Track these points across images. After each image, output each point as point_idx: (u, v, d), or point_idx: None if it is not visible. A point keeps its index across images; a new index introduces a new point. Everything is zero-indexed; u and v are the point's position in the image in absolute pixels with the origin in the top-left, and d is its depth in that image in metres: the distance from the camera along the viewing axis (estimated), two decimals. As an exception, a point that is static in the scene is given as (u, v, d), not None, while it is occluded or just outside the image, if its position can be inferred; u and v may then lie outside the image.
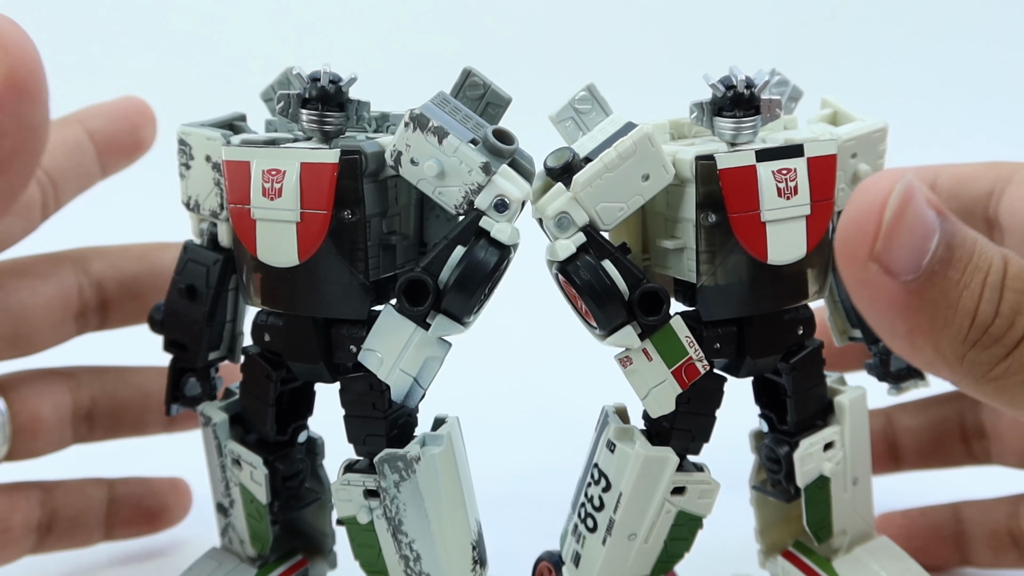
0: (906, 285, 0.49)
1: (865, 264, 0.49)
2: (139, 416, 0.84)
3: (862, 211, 0.50)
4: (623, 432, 0.66)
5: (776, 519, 0.74)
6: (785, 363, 0.67)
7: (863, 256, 0.49)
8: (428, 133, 0.60)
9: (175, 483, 0.87)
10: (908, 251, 0.49)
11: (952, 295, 0.50)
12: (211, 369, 0.72)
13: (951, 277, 0.50)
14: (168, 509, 0.86)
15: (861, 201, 0.50)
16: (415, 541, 0.65)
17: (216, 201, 0.68)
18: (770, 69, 0.66)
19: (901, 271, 0.49)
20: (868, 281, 0.50)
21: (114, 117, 0.82)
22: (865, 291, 0.50)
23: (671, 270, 0.65)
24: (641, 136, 0.60)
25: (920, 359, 0.52)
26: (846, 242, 0.50)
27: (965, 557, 0.81)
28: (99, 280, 0.81)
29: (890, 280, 0.49)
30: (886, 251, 0.49)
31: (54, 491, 0.81)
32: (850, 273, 0.50)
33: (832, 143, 0.63)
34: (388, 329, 0.62)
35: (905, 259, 0.49)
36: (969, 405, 0.82)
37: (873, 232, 0.49)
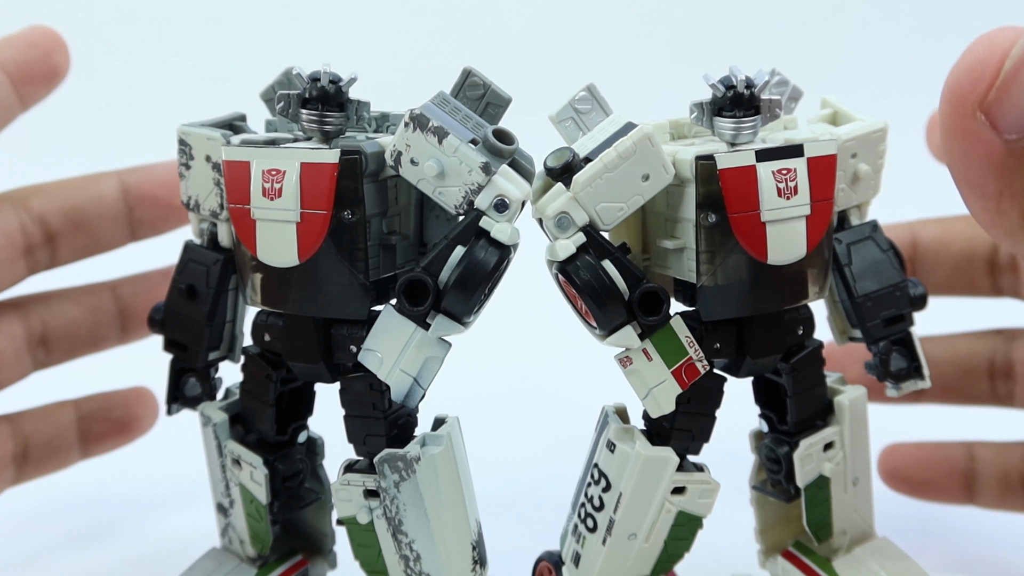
0: (1008, 143, 0.48)
1: (973, 112, 0.48)
2: (93, 332, 0.84)
3: (981, 57, 0.48)
4: (623, 432, 0.66)
5: (776, 519, 0.74)
6: (785, 363, 0.67)
7: (972, 103, 0.48)
8: (428, 133, 0.60)
9: (140, 392, 0.88)
10: (1019, 109, 0.48)
11: None
12: (211, 369, 0.72)
13: None
14: (137, 418, 0.87)
15: (981, 47, 0.48)
16: (415, 541, 0.65)
17: (216, 201, 0.68)
18: (770, 69, 0.66)
19: (1007, 128, 0.48)
20: (971, 131, 0.48)
21: (22, 47, 0.81)
22: (965, 141, 0.49)
23: (671, 270, 0.65)
24: (641, 136, 0.60)
25: (1002, 224, 0.50)
26: (957, 86, 0.48)
27: (972, 496, 0.80)
28: (41, 215, 0.81)
29: (993, 135, 0.48)
30: (997, 103, 0.48)
31: (21, 421, 0.81)
32: (954, 120, 0.49)
33: (832, 143, 0.63)
34: (388, 329, 0.62)
35: (1015, 116, 0.48)
36: (1003, 343, 0.81)
37: (989, 80, 0.47)
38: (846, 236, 0.69)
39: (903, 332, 0.69)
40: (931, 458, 0.81)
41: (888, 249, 0.70)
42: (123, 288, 0.86)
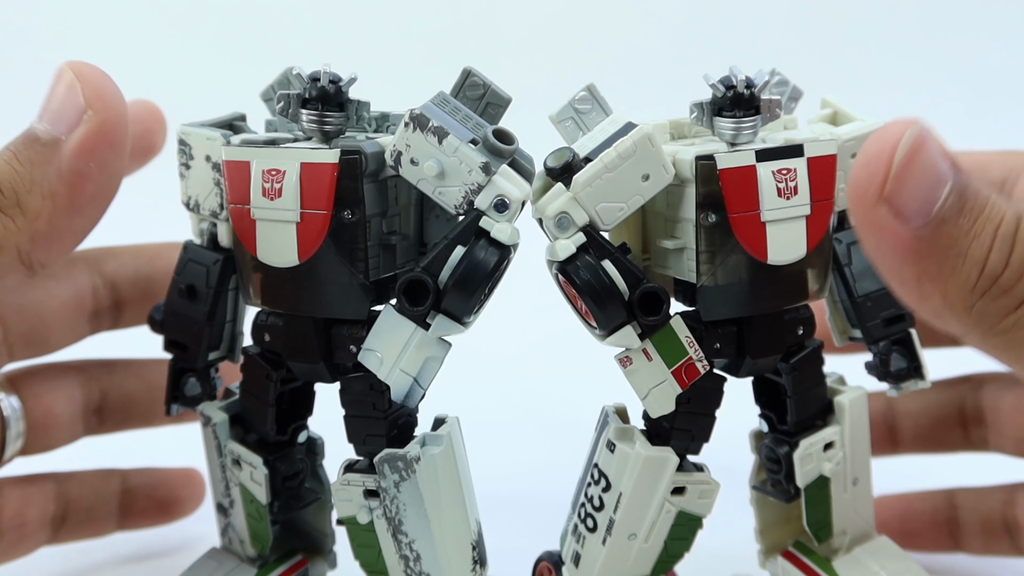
0: (915, 231, 0.49)
1: (875, 205, 0.49)
2: (147, 408, 0.84)
3: (875, 152, 0.49)
4: (623, 432, 0.66)
5: (776, 519, 0.74)
6: (785, 363, 0.67)
7: (873, 197, 0.49)
8: (428, 133, 0.60)
9: (188, 474, 0.88)
10: (918, 196, 0.49)
11: (962, 243, 0.49)
12: (211, 369, 0.72)
13: (961, 225, 0.49)
14: (181, 500, 0.86)
15: (875, 143, 0.50)
16: (415, 541, 0.65)
17: (216, 201, 0.68)
18: (770, 69, 0.66)
19: (911, 216, 0.49)
20: (877, 223, 0.50)
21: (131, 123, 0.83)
22: (874, 234, 0.50)
23: (671, 270, 0.65)
24: (641, 136, 0.60)
25: (928, 308, 0.52)
26: (858, 182, 0.50)
27: (958, 543, 0.81)
28: (113, 280, 0.82)
29: (900, 224, 0.49)
30: (896, 194, 0.49)
31: (67, 483, 0.81)
32: (860, 214, 0.50)
33: (832, 143, 0.63)
34: (388, 329, 0.62)
35: (915, 204, 0.49)
36: (970, 391, 0.82)
37: (884, 172, 0.49)
38: (846, 236, 0.69)
39: (903, 332, 0.69)
40: (913, 509, 0.82)
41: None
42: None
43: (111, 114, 0.57)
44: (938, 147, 0.50)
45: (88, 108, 0.57)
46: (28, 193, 0.55)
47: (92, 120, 0.57)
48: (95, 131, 0.57)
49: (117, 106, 0.58)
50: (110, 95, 0.58)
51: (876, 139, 0.50)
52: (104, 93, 0.58)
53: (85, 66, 0.59)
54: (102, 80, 0.58)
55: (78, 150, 0.57)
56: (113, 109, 0.58)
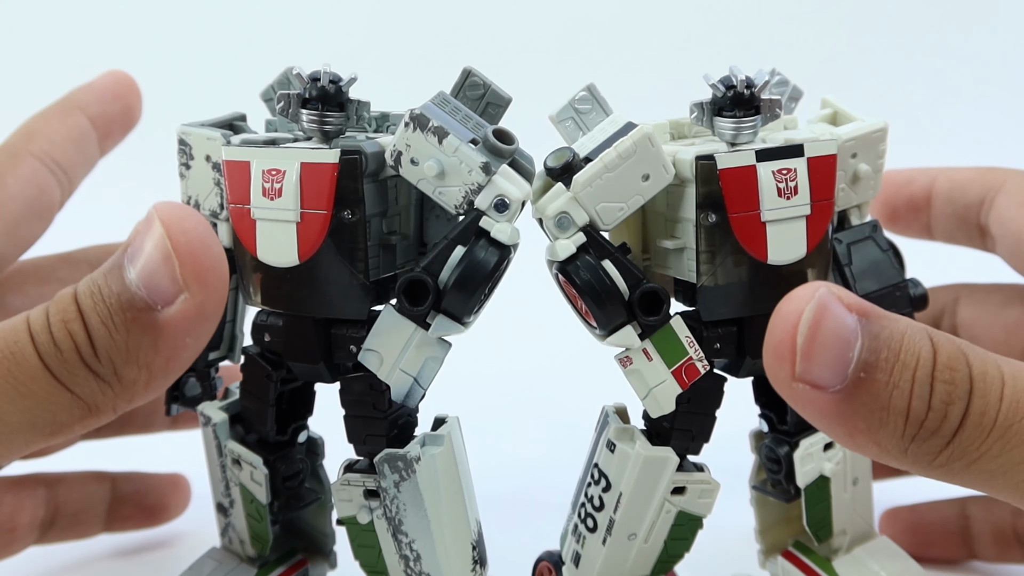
0: (835, 395, 0.50)
1: (790, 384, 0.50)
2: (147, 417, 0.85)
3: (777, 335, 0.50)
4: (623, 432, 0.66)
5: (776, 519, 0.74)
6: (785, 363, 0.67)
7: (786, 378, 0.50)
8: (428, 133, 0.60)
9: (175, 480, 0.88)
10: (829, 364, 0.50)
11: (883, 397, 0.50)
12: (211, 369, 0.72)
13: (879, 379, 0.50)
14: (168, 507, 0.87)
15: (776, 323, 0.51)
16: (415, 541, 0.65)
17: (216, 201, 0.68)
18: (770, 69, 0.66)
19: (827, 384, 0.50)
20: (798, 398, 0.51)
21: (108, 99, 0.83)
22: (798, 406, 0.51)
23: (671, 270, 0.65)
24: (641, 136, 0.60)
25: (867, 455, 0.53)
26: (768, 366, 0.51)
27: (971, 552, 0.82)
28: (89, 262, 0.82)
29: (818, 393, 0.50)
30: (807, 371, 0.50)
31: (58, 487, 0.81)
32: (780, 392, 0.51)
33: (832, 143, 0.63)
34: (388, 329, 0.62)
35: (828, 372, 0.50)
36: None
37: (790, 355, 0.50)
38: (846, 236, 0.69)
39: (903, 332, 0.69)
40: (927, 521, 0.83)
41: (888, 249, 0.70)
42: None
43: (211, 295, 0.54)
44: (841, 307, 0.50)
45: (186, 289, 0.53)
46: (125, 364, 0.53)
47: (191, 302, 0.53)
48: (194, 311, 0.53)
49: (218, 284, 0.54)
50: (208, 271, 0.53)
51: (777, 320, 0.50)
52: (202, 270, 0.53)
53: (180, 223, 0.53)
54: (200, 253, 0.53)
55: (177, 326, 0.53)
56: (213, 289, 0.54)
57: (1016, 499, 0.53)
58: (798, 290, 0.51)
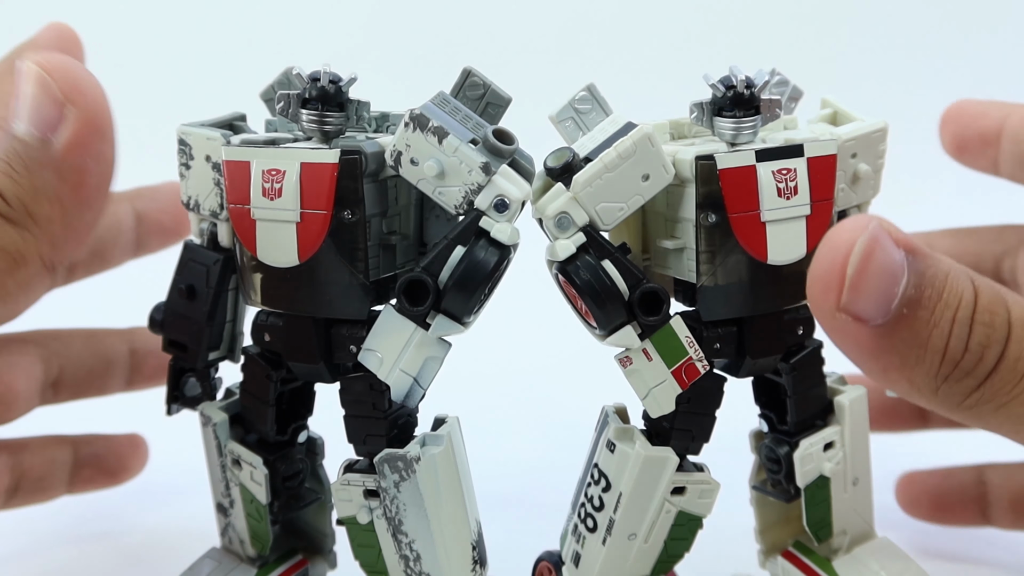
0: (876, 329, 0.50)
1: (834, 315, 0.50)
2: (103, 380, 0.86)
3: (826, 264, 0.50)
4: (623, 432, 0.66)
5: (776, 519, 0.74)
6: (785, 363, 0.67)
7: (830, 308, 0.50)
8: (428, 133, 0.60)
9: (133, 440, 0.90)
10: (875, 298, 0.50)
11: (922, 334, 0.50)
12: (211, 369, 0.72)
13: (921, 317, 0.50)
14: (127, 467, 0.89)
15: (825, 253, 0.51)
16: (415, 541, 0.65)
17: (216, 201, 0.68)
18: (770, 69, 0.66)
19: (870, 317, 0.50)
20: (838, 329, 0.51)
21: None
22: (838, 336, 0.51)
23: (671, 270, 0.65)
24: (641, 136, 0.60)
25: (896, 391, 0.53)
26: (812, 294, 0.51)
27: (987, 518, 0.82)
28: None
29: (860, 326, 0.50)
30: (853, 302, 0.50)
31: (21, 454, 0.82)
32: (823, 322, 0.51)
33: (832, 143, 0.63)
34: (388, 329, 0.62)
35: (873, 306, 0.50)
36: None
37: (837, 285, 0.50)
38: (846, 236, 0.69)
39: (903, 332, 0.69)
40: (944, 485, 0.84)
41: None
42: (137, 340, 0.88)
43: (93, 103, 0.56)
44: (890, 242, 0.50)
45: (67, 103, 0.55)
46: (35, 202, 0.55)
47: (75, 115, 0.55)
48: (82, 125, 0.56)
49: (96, 93, 0.56)
50: (85, 83, 0.56)
51: (827, 247, 0.51)
52: (79, 83, 0.56)
53: (50, 57, 0.57)
54: (72, 69, 0.56)
55: (71, 148, 0.55)
56: (93, 97, 0.56)
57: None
58: (849, 220, 0.51)
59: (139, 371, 0.88)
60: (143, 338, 0.87)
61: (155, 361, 0.87)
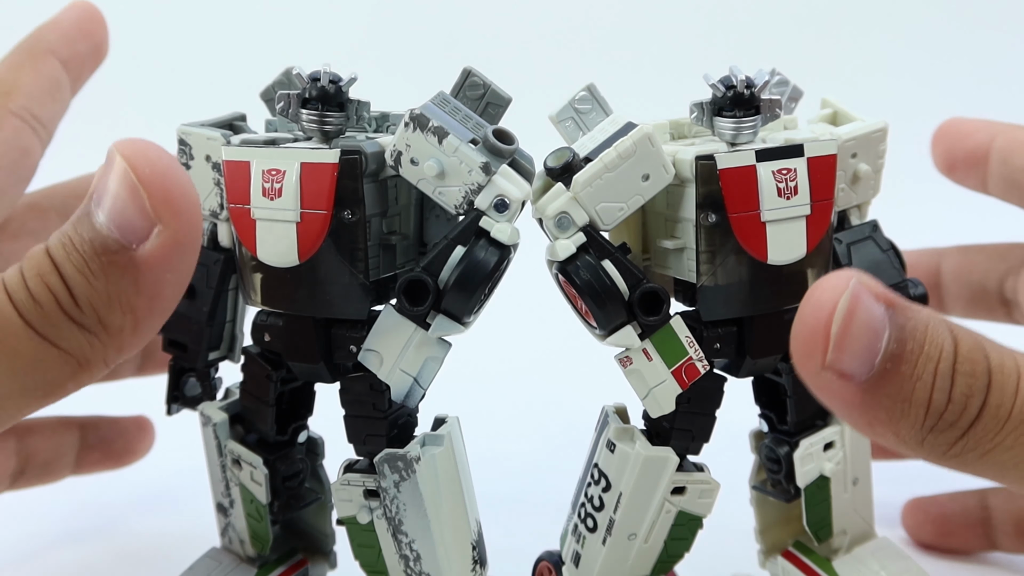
0: (860, 385, 0.50)
1: (819, 373, 0.50)
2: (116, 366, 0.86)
3: (811, 323, 0.50)
4: (623, 432, 0.66)
5: (776, 519, 0.74)
6: (785, 363, 0.67)
7: (816, 366, 0.50)
8: (428, 133, 0.60)
9: (140, 423, 0.90)
10: (859, 355, 0.50)
11: (906, 389, 0.50)
12: (211, 369, 0.72)
13: (904, 372, 0.50)
14: (134, 450, 0.89)
15: (809, 312, 0.50)
16: (415, 541, 0.65)
17: (216, 201, 0.68)
18: (770, 69, 0.66)
19: (855, 374, 0.50)
20: (824, 387, 0.51)
21: (77, 37, 0.79)
22: (823, 394, 0.51)
23: (671, 270, 0.65)
24: (641, 136, 0.60)
25: (883, 443, 0.53)
26: (797, 354, 0.51)
27: (992, 543, 0.83)
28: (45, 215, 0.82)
29: (845, 383, 0.50)
30: (837, 360, 0.50)
31: (27, 438, 0.82)
32: (806, 380, 0.51)
33: (832, 143, 0.63)
34: (388, 329, 0.62)
35: (857, 363, 0.50)
36: None
37: (823, 344, 0.50)
38: (846, 236, 0.69)
39: (903, 332, 0.69)
40: (948, 511, 0.84)
41: (888, 249, 0.70)
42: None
43: (184, 223, 0.52)
44: (871, 297, 0.50)
45: (158, 220, 0.51)
46: (108, 310, 0.51)
47: (165, 234, 0.51)
48: (171, 244, 0.51)
49: (190, 209, 0.52)
50: (179, 198, 0.52)
51: (810, 309, 0.50)
52: (173, 197, 0.51)
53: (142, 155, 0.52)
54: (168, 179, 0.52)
55: (155, 264, 0.52)
56: (187, 215, 0.52)
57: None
58: (829, 278, 0.51)
59: (151, 357, 0.88)
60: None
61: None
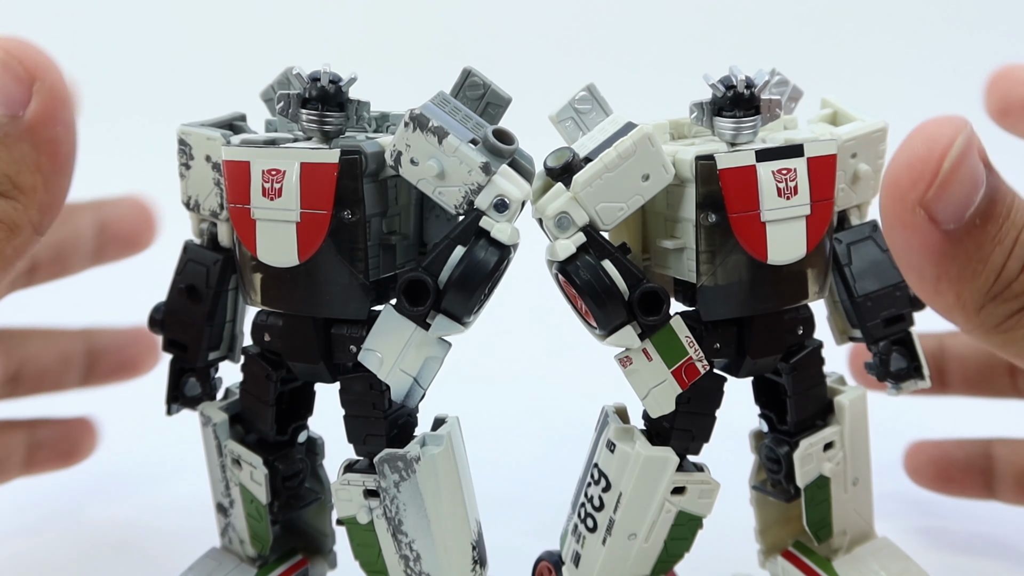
0: (946, 234, 0.50)
1: (913, 208, 0.49)
2: (59, 377, 0.90)
3: (921, 155, 0.49)
4: (623, 432, 0.66)
5: (776, 519, 0.74)
6: (785, 363, 0.67)
7: (913, 200, 0.49)
8: (428, 133, 0.60)
9: (84, 423, 0.92)
10: (956, 203, 0.49)
11: (986, 249, 0.50)
12: (211, 369, 0.72)
13: (988, 231, 0.50)
14: (81, 449, 0.92)
15: (921, 144, 0.49)
16: (415, 541, 0.65)
17: (216, 201, 0.68)
18: (770, 69, 0.66)
19: (945, 220, 0.49)
20: (910, 224, 0.50)
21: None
22: (906, 233, 0.50)
23: (671, 270, 0.65)
24: (641, 136, 0.60)
25: (939, 303, 0.53)
26: (898, 183, 0.50)
27: (992, 492, 0.83)
28: None
29: (932, 227, 0.50)
30: (936, 199, 0.49)
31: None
32: (894, 214, 0.50)
33: (832, 143, 0.63)
34: (388, 329, 0.62)
35: (952, 210, 0.49)
36: None
37: (929, 179, 0.49)
38: (846, 236, 0.69)
39: (903, 332, 0.69)
40: (951, 456, 0.85)
41: (888, 249, 0.70)
42: (93, 340, 0.91)
43: (53, 77, 0.60)
44: (978, 150, 0.50)
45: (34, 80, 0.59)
46: (18, 173, 0.58)
47: (44, 89, 0.59)
48: (49, 98, 0.59)
49: (53, 67, 0.60)
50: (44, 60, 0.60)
51: (924, 141, 0.49)
52: (39, 60, 0.59)
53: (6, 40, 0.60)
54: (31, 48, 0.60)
55: (42, 120, 0.59)
56: (53, 72, 0.60)
57: None
58: (944, 117, 0.50)
59: (94, 370, 0.91)
60: (99, 337, 0.91)
61: (110, 360, 0.91)
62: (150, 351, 0.92)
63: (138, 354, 0.92)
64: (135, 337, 0.92)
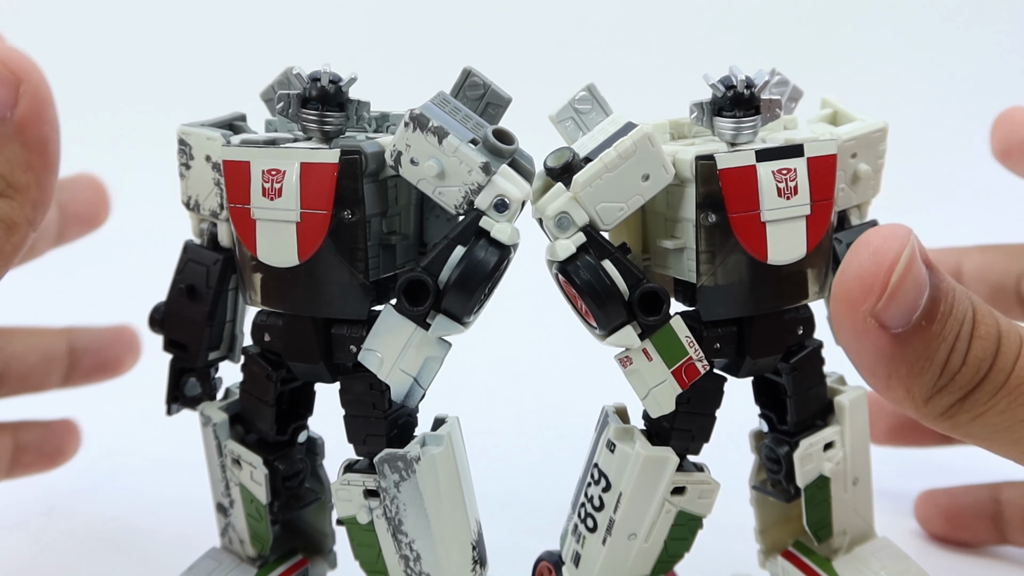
0: (894, 336, 0.52)
1: (864, 317, 0.52)
2: (43, 377, 0.90)
3: (870, 270, 0.52)
4: (623, 432, 0.66)
5: (776, 519, 0.74)
6: (785, 363, 0.67)
7: (864, 311, 0.52)
8: (428, 133, 0.60)
9: (68, 425, 0.93)
10: (904, 309, 0.52)
11: (931, 347, 0.53)
12: (211, 369, 0.72)
13: (933, 330, 0.53)
14: (64, 451, 0.92)
15: (868, 259, 0.52)
16: (415, 541, 0.65)
17: (216, 201, 0.68)
18: (770, 69, 0.66)
19: (894, 325, 0.52)
20: (862, 330, 0.53)
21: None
22: (857, 337, 0.53)
23: (671, 270, 0.65)
24: (641, 136, 0.60)
25: (891, 397, 0.55)
26: (848, 295, 0.52)
27: (1003, 537, 0.84)
28: None
29: (882, 332, 0.52)
30: (886, 308, 0.52)
31: None
32: (847, 321, 0.53)
33: (832, 143, 0.63)
34: (388, 329, 0.62)
35: (900, 315, 0.52)
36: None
37: (879, 292, 0.51)
38: (846, 236, 0.69)
39: (903, 332, 0.69)
40: (960, 504, 0.86)
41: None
42: (75, 339, 0.91)
43: (37, 78, 0.61)
44: (920, 255, 0.52)
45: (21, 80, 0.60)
46: (12, 173, 0.60)
47: (29, 90, 0.60)
48: (34, 99, 0.60)
49: (35, 68, 0.61)
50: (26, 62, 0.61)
51: (871, 256, 0.52)
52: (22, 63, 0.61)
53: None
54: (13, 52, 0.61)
55: (31, 120, 0.60)
56: (36, 73, 0.61)
57: (1014, 455, 0.56)
58: (886, 228, 0.53)
59: (76, 369, 0.91)
60: (80, 336, 0.91)
61: (91, 359, 0.91)
62: (131, 350, 0.93)
63: (119, 353, 0.93)
64: (116, 336, 0.93)
